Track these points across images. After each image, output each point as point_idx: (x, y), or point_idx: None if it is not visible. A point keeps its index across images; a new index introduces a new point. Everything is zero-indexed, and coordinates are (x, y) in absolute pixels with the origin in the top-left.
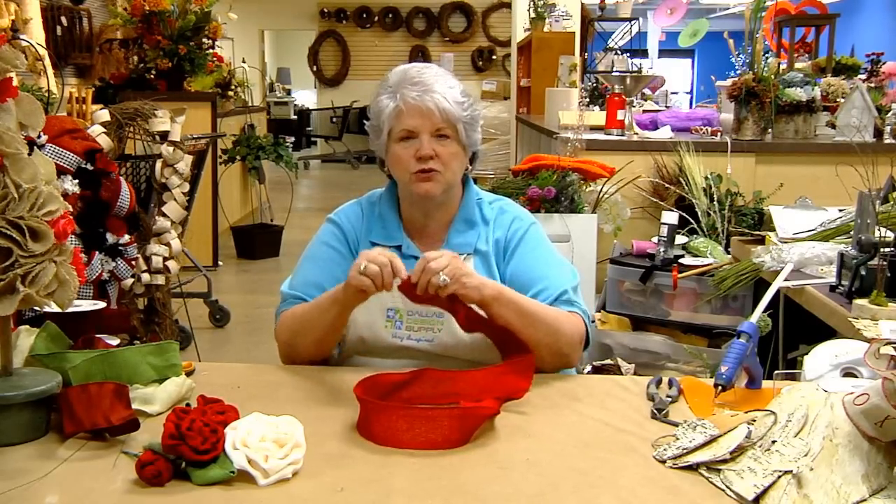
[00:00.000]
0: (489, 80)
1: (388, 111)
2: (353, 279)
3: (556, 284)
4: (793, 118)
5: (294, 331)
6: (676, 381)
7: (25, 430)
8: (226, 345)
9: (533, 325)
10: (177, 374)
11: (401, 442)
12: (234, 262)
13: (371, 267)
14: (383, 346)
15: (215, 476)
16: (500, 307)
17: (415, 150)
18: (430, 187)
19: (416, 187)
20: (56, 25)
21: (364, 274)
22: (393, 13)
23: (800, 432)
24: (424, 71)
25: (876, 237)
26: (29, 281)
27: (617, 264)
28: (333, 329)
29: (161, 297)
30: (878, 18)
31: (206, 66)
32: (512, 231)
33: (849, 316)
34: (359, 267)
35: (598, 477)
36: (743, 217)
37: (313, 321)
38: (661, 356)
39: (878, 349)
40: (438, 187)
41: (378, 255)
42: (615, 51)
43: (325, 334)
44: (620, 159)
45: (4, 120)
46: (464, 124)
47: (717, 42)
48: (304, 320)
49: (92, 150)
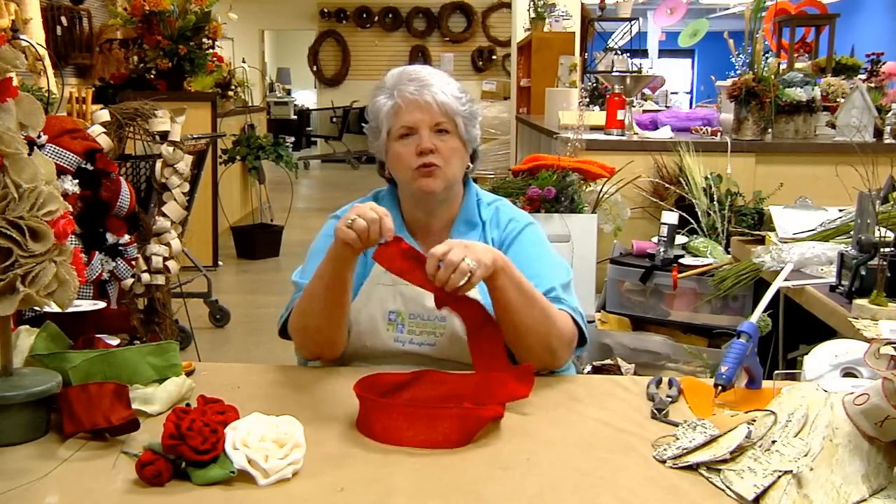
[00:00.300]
0: (489, 80)
1: (385, 110)
2: (339, 231)
3: (544, 282)
4: (793, 118)
5: (303, 311)
6: (676, 381)
7: (25, 430)
8: (226, 345)
9: (530, 305)
10: (177, 374)
11: (401, 440)
12: (234, 262)
13: (359, 222)
14: (385, 350)
15: (215, 476)
16: (506, 278)
17: (415, 146)
18: (432, 183)
19: (418, 183)
20: (56, 25)
21: (351, 228)
22: (393, 13)
23: (800, 432)
24: (421, 70)
25: (876, 237)
26: (29, 281)
27: (617, 264)
28: (337, 293)
29: (161, 297)
30: (878, 18)
31: (206, 66)
32: (507, 231)
33: (849, 316)
34: (347, 220)
35: (598, 477)
36: (743, 217)
37: (316, 290)
38: (661, 356)
39: (878, 349)
40: (440, 183)
41: (368, 211)
42: (615, 51)
43: (329, 302)
44: (620, 159)
45: (4, 120)
46: (463, 118)
47: (717, 42)
48: (309, 294)
49: (92, 150)
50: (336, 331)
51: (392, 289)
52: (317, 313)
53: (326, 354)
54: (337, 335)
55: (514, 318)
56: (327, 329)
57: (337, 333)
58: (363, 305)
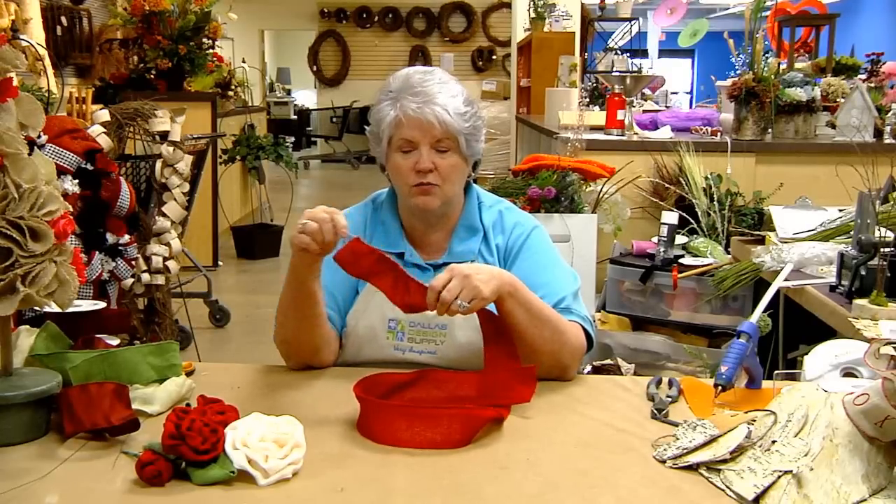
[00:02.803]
0: (489, 80)
1: (388, 120)
2: (294, 238)
3: (554, 291)
4: (793, 118)
5: (280, 323)
6: (676, 381)
7: (25, 430)
8: (226, 345)
9: (540, 326)
10: (177, 374)
11: (400, 441)
12: (234, 262)
13: (310, 224)
14: (385, 358)
15: (215, 476)
16: (514, 302)
17: (414, 162)
18: (429, 201)
19: (415, 200)
20: (56, 25)
21: (303, 232)
22: (393, 13)
23: (800, 432)
24: (427, 79)
25: (876, 237)
26: (29, 281)
27: (617, 264)
28: (305, 303)
29: (161, 297)
30: (878, 18)
31: (206, 66)
32: (514, 237)
33: (849, 316)
34: (299, 225)
35: (597, 477)
36: (743, 217)
37: (286, 301)
38: (661, 356)
39: (878, 349)
40: (437, 201)
41: (318, 212)
42: (615, 51)
43: (301, 312)
44: (620, 159)
45: (4, 120)
46: (465, 136)
47: (717, 42)
48: (282, 305)
49: (92, 150)
50: (314, 339)
51: None
52: (291, 324)
53: (313, 363)
54: (318, 343)
55: (525, 338)
56: (305, 338)
57: (317, 342)
58: (361, 314)
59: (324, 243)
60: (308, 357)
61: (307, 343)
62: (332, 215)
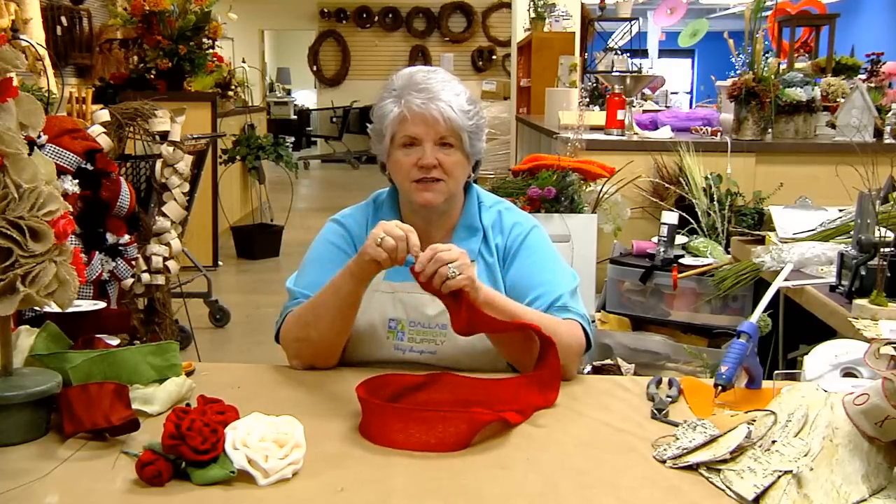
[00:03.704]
0: (489, 80)
1: (391, 116)
2: (370, 248)
3: (552, 290)
4: (793, 118)
5: (306, 322)
6: (676, 381)
7: (25, 430)
8: (226, 345)
9: (527, 334)
10: (177, 374)
11: (395, 443)
12: (234, 262)
13: (388, 241)
14: (385, 357)
15: (215, 476)
16: (491, 312)
17: (416, 158)
18: (431, 197)
19: (417, 196)
20: (56, 25)
21: (380, 246)
22: (393, 13)
23: (800, 432)
24: (431, 76)
25: (876, 237)
26: (29, 281)
27: (617, 264)
28: (348, 309)
29: (161, 297)
30: (878, 18)
31: (206, 66)
32: (513, 237)
33: (849, 316)
34: (376, 238)
35: (598, 477)
36: (743, 217)
37: (327, 303)
38: (661, 356)
39: (878, 349)
40: (440, 197)
41: (394, 228)
42: (615, 51)
43: (339, 317)
44: (620, 159)
45: (4, 120)
46: (468, 133)
47: (717, 42)
48: (316, 305)
49: (92, 150)
50: (339, 344)
51: (392, 296)
52: (324, 326)
53: (321, 365)
54: (338, 348)
55: (513, 344)
56: (331, 342)
57: (338, 346)
58: (361, 313)
59: (397, 259)
60: (323, 358)
61: (331, 345)
62: (407, 234)
